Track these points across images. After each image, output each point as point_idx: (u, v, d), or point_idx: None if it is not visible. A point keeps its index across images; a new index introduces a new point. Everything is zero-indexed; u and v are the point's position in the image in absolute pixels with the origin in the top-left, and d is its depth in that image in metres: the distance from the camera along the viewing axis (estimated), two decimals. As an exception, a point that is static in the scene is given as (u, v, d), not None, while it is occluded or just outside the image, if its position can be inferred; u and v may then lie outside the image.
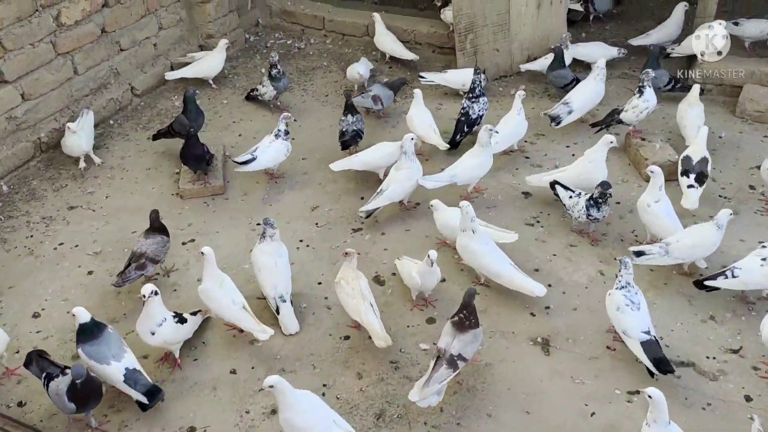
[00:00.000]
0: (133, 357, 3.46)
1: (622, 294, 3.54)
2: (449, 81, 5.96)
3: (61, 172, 5.18)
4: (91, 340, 3.40)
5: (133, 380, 3.36)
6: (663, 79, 5.59)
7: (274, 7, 7.26)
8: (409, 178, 4.61)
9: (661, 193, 4.23)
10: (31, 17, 5.02)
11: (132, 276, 4.00)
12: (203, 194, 4.91)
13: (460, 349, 3.32)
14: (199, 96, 5.37)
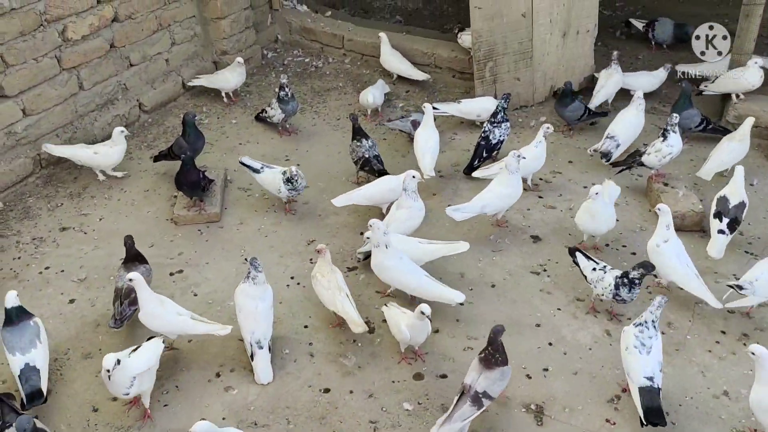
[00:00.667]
0: (41, 355, 3.51)
1: (634, 333, 3.36)
2: (464, 112, 5.70)
3: (59, 190, 5.07)
4: (10, 326, 3.53)
5: (26, 378, 3.44)
6: (694, 119, 5.24)
7: (294, 23, 7.10)
8: (411, 218, 4.38)
9: (669, 232, 3.98)
10: (35, 32, 4.93)
11: (127, 313, 3.82)
12: (198, 221, 4.74)
13: (486, 386, 3.19)
14: (198, 119, 5.20)
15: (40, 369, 3.48)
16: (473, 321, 3.95)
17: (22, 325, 3.54)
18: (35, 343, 3.53)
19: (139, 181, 5.21)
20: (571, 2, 5.65)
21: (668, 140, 4.70)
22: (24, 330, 3.53)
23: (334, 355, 3.77)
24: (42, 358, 3.52)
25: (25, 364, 3.45)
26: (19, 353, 3.46)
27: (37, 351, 3.51)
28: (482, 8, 5.59)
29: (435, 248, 4.18)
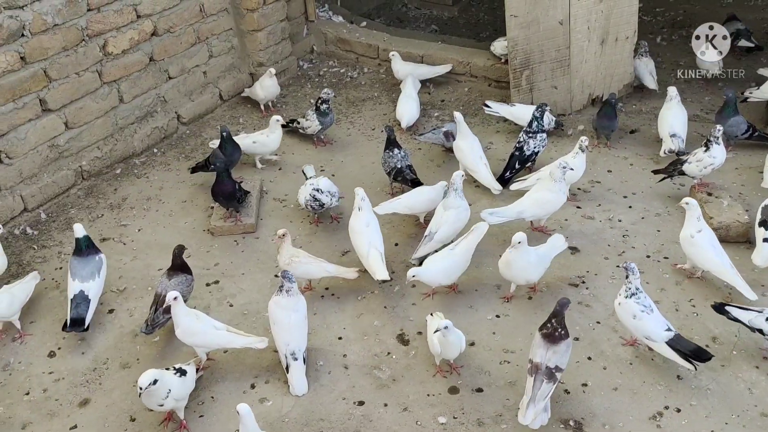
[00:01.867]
0: (96, 287, 3.96)
1: (634, 302, 3.54)
2: (515, 116, 5.60)
3: (99, 202, 5.17)
4: (79, 255, 4.03)
5: (76, 303, 3.88)
6: (741, 126, 5.09)
7: (329, 34, 7.13)
8: (458, 219, 4.38)
9: (701, 223, 4.05)
10: (77, 47, 5.04)
11: (161, 320, 3.86)
12: (234, 232, 4.77)
13: (556, 360, 3.27)
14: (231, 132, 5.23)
15: (91, 300, 3.92)
16: (510, 334, 3.89)
17: (89, 257, 4.02)
18: (95, 275, 3.99)
19: (177, 192, 5.27)
20: (609, 9, 5.55)
21: (711, 151, 4.57)
22: (88, 262, 4.00)
23: (368, 368, 3.75)
24: (95, 291, 3.97)
25: (80, 291, 3.89)
26: (78, 280, 3.92)
27: (95, 282, 3.98)
28: (518, 16, 5.53)
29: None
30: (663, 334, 3.50)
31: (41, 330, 4.06)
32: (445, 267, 4.05)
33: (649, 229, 4.59)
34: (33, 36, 4.73)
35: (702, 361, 3.47)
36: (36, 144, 4.94)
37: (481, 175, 4.99)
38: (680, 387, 3.50)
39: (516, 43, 5.62)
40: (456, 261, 4.07)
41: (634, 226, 4.63)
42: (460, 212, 4.38)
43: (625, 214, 4.74)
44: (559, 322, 3.33)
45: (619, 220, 4.69)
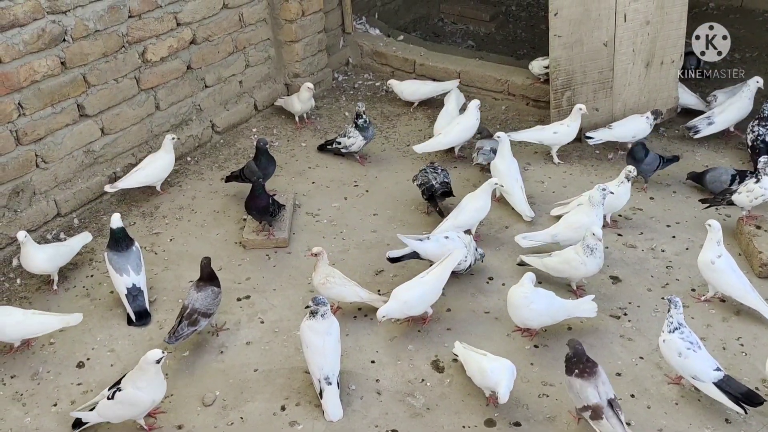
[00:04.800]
0: (144, 278, 4.13)
1: (678, 337, 3.41)
2: (618, 136, 5.43)
3: (132, 209, 5.13)
4: (117, 249, 4.11)
5: (133, 296, 4.04)
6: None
7: (365, 47, 7.07)
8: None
9: (720, 248, 3.98)
10: (116, 53, 5.02)
11: (185, 332, 3.81)
12: (266, 246, 4.70)
13: (610, 391, 3.22)
14: (269, 144, 5.18)
15: (144, 291, 4.11)
16: (548, 365, 3.76)
17: (128, 249, 4.14)
18: (140, 267, 4.14)
19: (210, 202, 5.22)
20: (656, 31, 5.42)
21: (762, 182, 4.41)
22: (129, 254, 4.13)
23: (402, 394, 3.64)
24: (144, 282, 4.14)
25: (133, 284, 4.05)
26: (126, 274, 4.05)
27: (142, 274, 4.12)
28: (562, 36, 5.42)
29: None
30: (712, 374, 3.36)
31: (71, 339, 4.00)
32: (414, 297, 3.85)
33: (693, 260, 4.40)
34: (74, 41, 4.71)
35: (753, 405, 3.32)
36: (72, 149, 4.92)
37: (515, 199, 4.88)
38: (729, 431, 3.35)
39: (558, 63, 5.51)
40: (424, 290, 3.89)
41: (678, 257, 4.48)
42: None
43: (668, 244, 4.59)
44: (587, 358, 3.27)
45: (663, 250, 4.55)
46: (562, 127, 5.41)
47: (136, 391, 3.31)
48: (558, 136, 5.41)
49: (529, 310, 3.77)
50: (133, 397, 3.31)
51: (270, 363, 3.84)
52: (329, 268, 4.06)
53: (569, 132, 5.38)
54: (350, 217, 5.01)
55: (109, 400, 3.35)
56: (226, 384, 3.72)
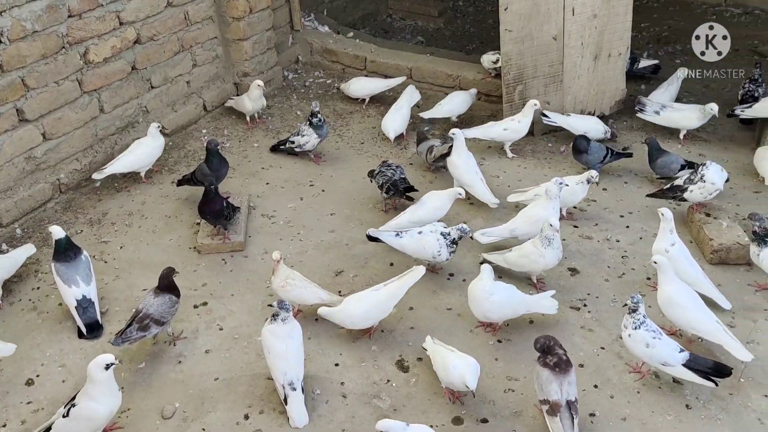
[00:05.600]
0: (94, 289, 3.97)
1: (645, 330, 3.44)
2: (571, 125, 5.48)
3: (78, 216, 4.93)
4: (64, 260, 3.95)
5: (84, 308, 3.88)
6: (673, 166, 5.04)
7: (315, 44, 6.98)
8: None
9: (674, 236, 4.07)
10: (57, 54, 4.81)
11: (133, 336, 3.67)
12: (222, 250, 4.58)
13: (573, 392, 3.19)
14: (220, 145, 5.05)
15: (94, 302, 3.94)
16: (513, 360, 3.77)
17: (75, 259, 3.98)
18: (90, 277, 3.97)
19: (161, 206, 5.06)
20: (603, 25, 5.50)
21: (707, 175, 4.51)
22: (78, 264, 3.97)
23: (367, 396, 3.59)
24: (95, 293, 3.98)
25: (83, 296, 3.89)
26: (75, 286, 3.89)
27: (92, 285, 3.96)
28: (512, 31, 5.45)
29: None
30: (679, 357, 3.41)
31: (18, 356, 3.79)
32: (366, 309, 3.77)
33: (648, 249, 4.49)
34: (11, 43, 4.50)
35: (723, 377, 3.41)
36: (12, 156, 4.70)
37: (478, 190, 4.89)
38: (690, 417, 3.41)
39: (509, 57, 5.54)
40: (374, 304, 3.80)
41: (633, 246, 4.56)
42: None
43: (622, 234, 4.67)
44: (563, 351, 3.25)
45: (617, 240, 4.62)
46: (513, 123, 5.44)
47: (90, 403, 3.17)
48: (508, 132, 5.44)
49: (490, 302, 3.77)
50: (88, 411, 3.17)
51: (231, 371, 3.74)
52: (288, 270, 3.98)
53: (520, 128, 5.41)
54: (307, 218, 4.93)
55: (65, 417, 3.21)
56: (186, 395, 3.61)
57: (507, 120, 5.51)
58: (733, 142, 5.54)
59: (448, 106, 5.93)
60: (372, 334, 3.94)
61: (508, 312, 3.84)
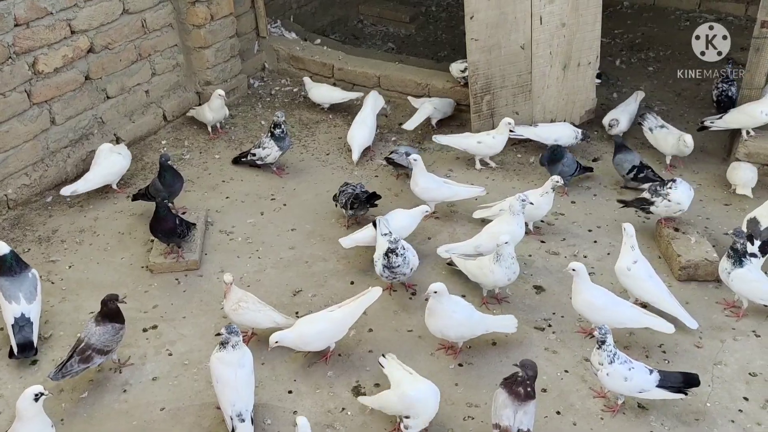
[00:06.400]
0: (37, 308, 3.77)
1: (619, 365, 3.30)
2: (540, 135, 5.36)
3: (27, 234, 4.72)
4: (9, 275, 3.77)
5: (19, 327, 3.69)
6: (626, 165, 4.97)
7: (281, 51, 6.81)
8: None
9: (636, 253, 3.96)
10: (2, 65, 4.60)
11: (74, 369, 3.48)
12: (175, 269, 4.40)
13: (528, 423, 3.06)
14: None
15: (33, 322, 3.74)
16: (473, 385, 3.63)
17: (21, 274, 3.79)
18: (33, 295, 3.78)
19: (114, 222, 4.86)
20: (572, 34, 5.38)
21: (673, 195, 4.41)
22: (23, 280, 3.78)
23: (321, 426, 3.43)
24: (36, 313, 3.77)
25: (21, 314, 3.69)
26: (15, 302, 3.71)
27: (35, 304, 3.76)
28: (479, 40, 5.32)
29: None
30: (652, 380, 3.33)
31: (-49, 386, 3.61)
32: (318, 330, 3.63)
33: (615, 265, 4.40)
34: (-49, 53, 4.29)
35: (693, 386, 3.37)
36: (-46, 171, 4.50)
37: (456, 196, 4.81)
38: (654, 444, 3.30)
39: (477, 67, 5.41)
40: (328, 326, 3.66)
41: (600, 262, 4.44)
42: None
43: (590, 250, 4.55)
44: (532, 378, 3.11)
45: (585, 256, 4.50)
46: (488, 138, 5.28)
47: None
48: (481, 146, 5.29)
49: (450, 318, 3.62)
50: None
51: (178, 400, 3.57)
52: (241, 293, 3.81)
53: (494, 144, 5.26)
54: (267, 234, 4.76)
55: None
56: (129, 426, 3.43)
57: (483, 134, 5.35)
58: (704, 152, 5.44)
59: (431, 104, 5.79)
60: (328, 358, 3.78)
61: (465, 331, 3.70)
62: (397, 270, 3.96)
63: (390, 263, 3.95)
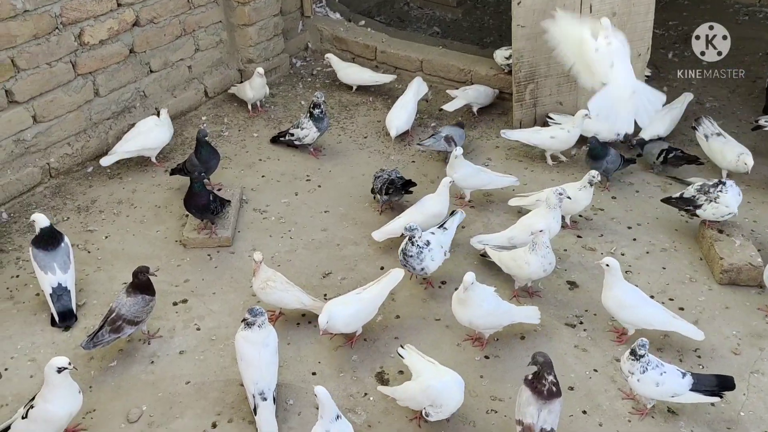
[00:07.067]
0: (72, 277, 3.84)
1: (652, 371, 3.19)
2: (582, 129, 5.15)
3: (67, 203, 4.81)
4: (44, 247, 3.84)
5: (58, 296, 3.78)
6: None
7: (325, 32, 6.77)
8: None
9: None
10: (49, 35, 4.67)
11: (105, 339, 3.54)
12: (208, 245, 4.43)
13: (552, 422, 2.98)
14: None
15: (70, 291, 3.83)
16: (499, 379, 3.57)
17: (56, 246, 3.85)
18: (68, 264, 3.85)
19: (151, 195, 4.92)
20: (622, 24, 5.19)
21: (723, 198, 4.21)
22: (57, 251, 3.85)
23: (343, 410, 3.38)
24: (72, 281, 3.85)
25: (58, 283, 3.78)
26: (51, 273, 3.78)
27: (70, 273, 3.84)
28: (525, 26, 5.18)
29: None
30: (685, 383, 3.23)
31: (-13, 348, 3.71)
32: (349, 314, 3.60)
33: (654, 265, 4.28)
34: (0, 22, 4.36)
35: (728, 390, 3.28)
36: (0, 138, 4.58)
37: (497, 182, 4.76)
38: (683, 451, 3.20)
39: (522, 54, 5.28)
40: (362, 308, 3.65)
41: (638, 261, 4.31)
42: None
43: (628, 247, 4.42)
44: (555, 376, 3.03)
45: (622, 253, 4.37)
46: (562, 132, 5.08)
47: (47, 405, 3.05)
48: (554, 141, 5.10)
49: (479, 308, 3.57)
50: (45, 413, 3.05)
51: (203, 375, 3.60)
52: (270, 272, 3.82)
53: (569, 138, 5.04)
54: (300, 215, 4.75)
55: (24, 419, 3.09)
56: (155, 398, 3.47)
57: (556, 128, 5.19)
58: (755, 153, 5.21)
59: (473, 92, 5.71)
60: (354, 342, 3.76)
61: (493, 320, 3.64)
62: (409, 260, 3.91)
63: (405, 249, 3.91)
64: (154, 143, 5.05)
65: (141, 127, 5.06)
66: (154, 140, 5.04)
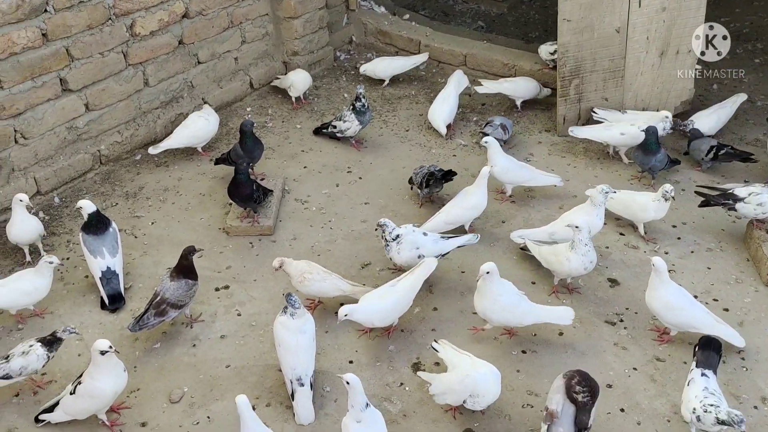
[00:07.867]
0: (120, 261, 3.97)
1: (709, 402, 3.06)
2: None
3: (116, 189, 4.95)
4: (93, 232, 3.97)
5: (107, 280, 3.90)
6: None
7: (369, 25, 6.80)
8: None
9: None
10: (102, 26, 4.81)
11: (150, 322, 3.65)
12: (250, 233, 4.51)
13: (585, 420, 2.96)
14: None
15: (119, 274, 3.96)
16: (535, 374, 3.55)
17: (105, 231, 3.98)
18: (116, 249, 3.98)
19: (196, 184, 5.03)
20: (672, 19, 5.11)
21: None
22: (105, 236, 3.98)
23: (378, 399, 3.45)
24: (120, 265, 3.99)
25: (107, 267, 3.90)
26: (100, 257, 3.91)
27: (118, 257, 3.97)
28: (571, 21, 5.12)
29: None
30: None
31: (39, 327, 3.85)
32: (384, 307, 3.61)
33: (698, 265, 4.19)
34: (56, 12, 4.51)
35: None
36: (54, 125, 4.74)
37: (539, 179, 4.73)
38: (723, 454, 3.13)
39: (567, 49, 5.22)
40: (397, 300, 3.65)
41: (682, 260, 4.24)
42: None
43: (673, 246, 4.35)
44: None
45: (666, 252, 4.30)
46: (633, 128, 4.93)
47: (93, 382, 3.16)
48: (625, 138, 4.98)
49: (495, 301, 3.55)
50: (92, 389, 3.17)
51: (243, 359, 3.68)
52: (303, 264, 3.85)
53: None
54: (340, 206, 4.80)
55: (72, 395, 3.21)
56: (196, 380, 3.56)
57: (626, 124, 5.06)
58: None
59: (510, 84, 5.69)
60: (391, 333, 3.79)
61: (510, 317, 3.61)
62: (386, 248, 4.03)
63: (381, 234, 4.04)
64: (203, 135, 5.16)
65: (189, 120, 5.19)
66: (204, 132, 5.15)
